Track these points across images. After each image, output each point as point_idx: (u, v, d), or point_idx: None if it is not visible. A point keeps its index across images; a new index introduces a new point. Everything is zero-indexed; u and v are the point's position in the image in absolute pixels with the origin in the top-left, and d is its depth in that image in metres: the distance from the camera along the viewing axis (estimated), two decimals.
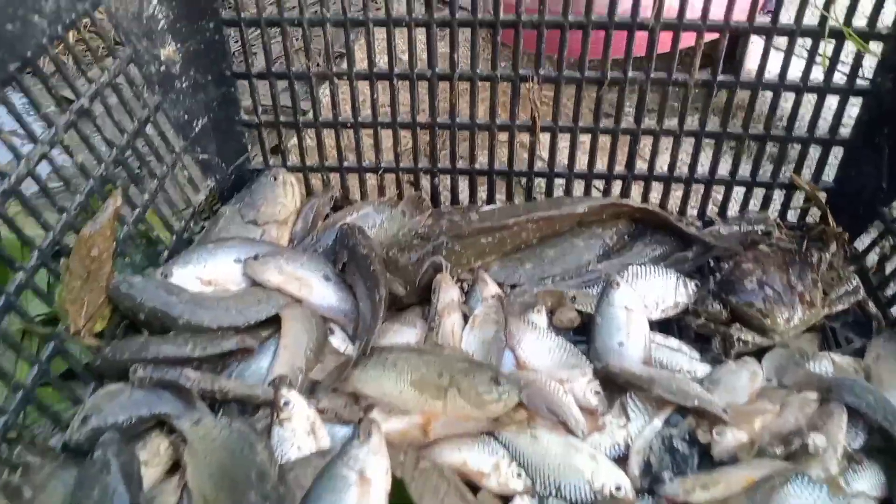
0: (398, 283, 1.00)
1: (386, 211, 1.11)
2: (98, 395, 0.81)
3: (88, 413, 0.78)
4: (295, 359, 0.88)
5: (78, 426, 0.77)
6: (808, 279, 0.99)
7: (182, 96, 1.03)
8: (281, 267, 0.97)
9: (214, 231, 1.06)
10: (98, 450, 0.74)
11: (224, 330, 0.89)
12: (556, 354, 0.93)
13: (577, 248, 1.06)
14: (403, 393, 0.84)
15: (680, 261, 1.05)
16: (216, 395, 0.83)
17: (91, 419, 0.77)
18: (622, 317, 0.96)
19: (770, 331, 0.96)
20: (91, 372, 0.85)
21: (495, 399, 0.81)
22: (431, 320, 0.96)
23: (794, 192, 1.11)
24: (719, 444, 0.80)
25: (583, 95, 1.04)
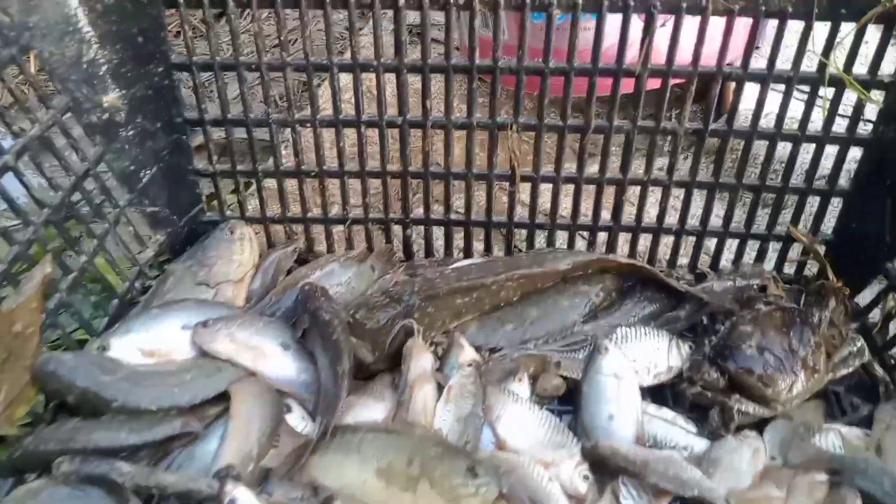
0: (365, 348, 0.91)
1: (353, 267, 1.02)
2: (14, 496, 0.70)
3: None
4: (245, 444, 0.78)
5: None
6: (810, 342, 0.91)
7: (128, 146, 0.94)
8: (233, 335, 0.87)
9: (162, 292, 0.96)
10: None
11: (165, 412, 0.79)
12: (539, 432, 0.84)
13: (561, 307, 0.98)
14: (368, 483, 0.75)
15: (672, 320, 0.98)
16: (153, 492, 0.73)
17: None
18: (612, 386, 0.87)
19: (772, 400, 0.88)
20: (8, 466, 0.74)
21: (472, 493, 0.72)
22: (402, 393, 0.87)
23: (791, 244, 1.04)
24: None
25: (565, 144, 0.97)
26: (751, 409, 0.87)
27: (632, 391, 0.88)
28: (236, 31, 0.89)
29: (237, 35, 0.89)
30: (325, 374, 0.85)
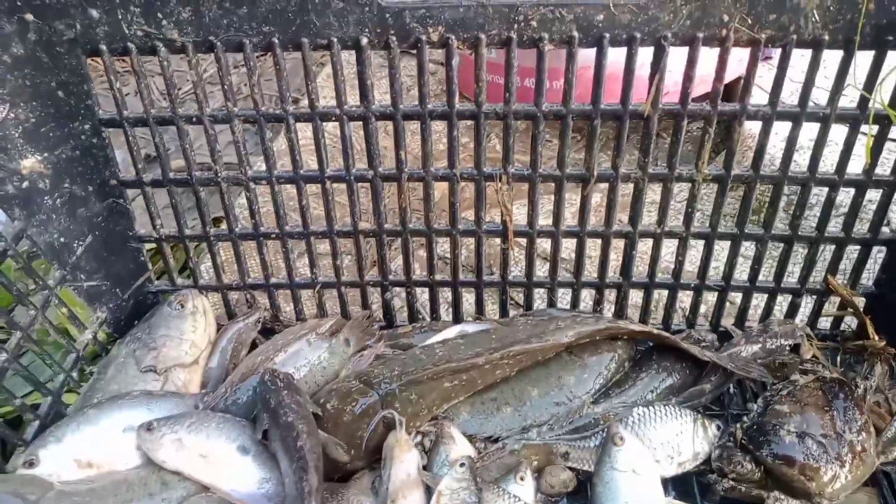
0: (339, 446, 0.77)
1: (324, 344, 0.88)
2: None
3: None
4: None
5: None
6: (856, 421, 0.78)
7: (55, 215, 0.81)
8: (181, 440, 0.74)
9: (102, 383, 0.83)
10: None
11: None
12: None
13: (566, 384, 0.85)
14: None
15: (696, 395, 0.85)
16: None
17: None
18: (630, 483, 0.74)
19: (815, 495, 0.75)
20: None
21: None
22: (384, 497, 0.74)
23: (826, 298, 0.91)
24: None
25: (563, 196, 0.83)
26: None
27: (653, 488, 0.75)
28: (171, 81, 0.75)
29: (173, 85, 0.75)
30: (289, 488, 0.72)
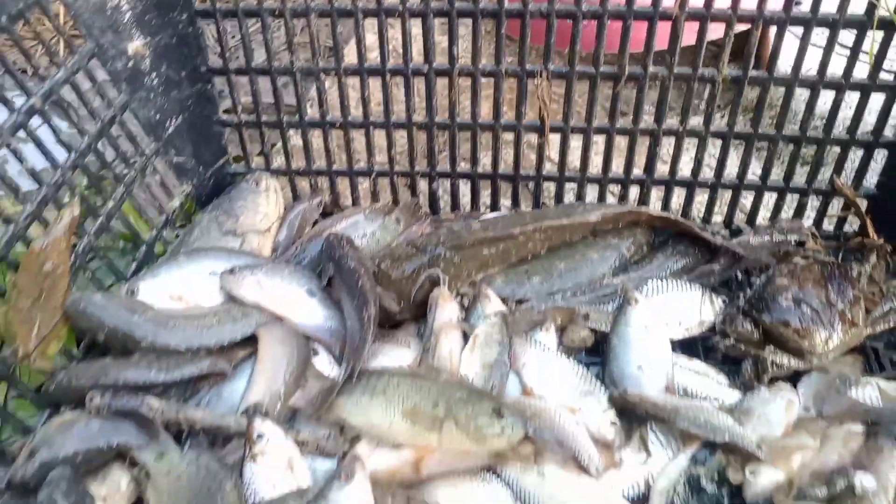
0: (390, 298, 0.90)
1: (378, 219, 1.01)
2: (50, 426, 0.72)
3: (37, 445, 0.69)
4: (272, 384, 0.78)
5: (24, 460, 0.68)
6: (848, 295, 0.88)
7: (153, 94, 0.94)
8: (260, 281, 0.88)
9: (189, 241, 0.97)
10: (45, 488, 0.65)
11: (193, 352, 0.79)
12: (566, 379, 0.83)
13: (590, 260, 0.96)
14: (394, 424, 0.75)
15: (705, 274, 0.95)
16: (182, 426, 0.74)
17: (40, 452, 0.68)
18: (641, 337, 0.85)
19: (807, 353, 0.85)
20: (43, 399, 0.76)
21: (497, 433, 0.71)
22: (427, 340, 0.86)
23: (830, 199, 1.01)
24: (753, 485, 0.70)
25: (597, 93, 0.94)
26: (785, 362, 0.84)
27: (662, 343, 0.86)
28: None
29: None
30: (351, 320, 0.85)
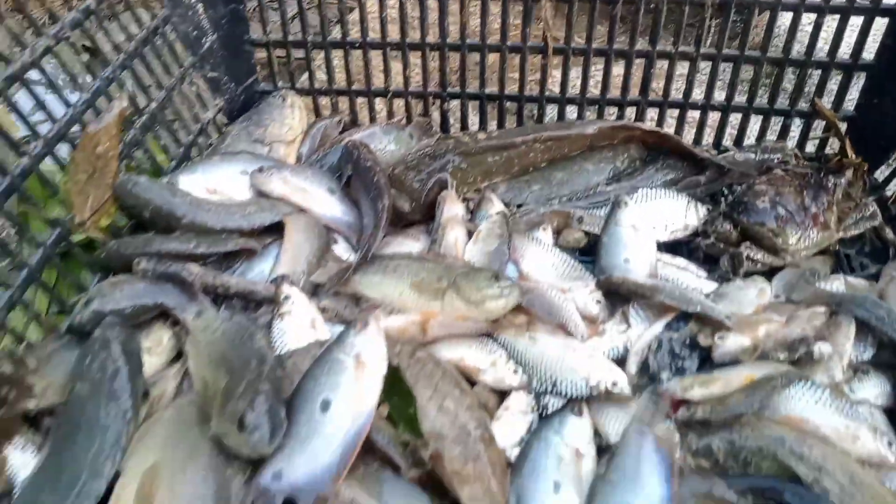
0: (403, 200, 0.99)
1: (393, 133, 1.10)
2: (103, 283, 0.82)
3: (93, 297, 0.79)
4: (297, 261, 0.88)
5: (81, 308, 0.78)
6: (822, 201, 0.96)
7: (191, 11, 1.04)
8: (286, 178, 0.97)
9: (221, 147, 1.07)
10: (100, 330, 0.76)
11: (228, 232, 0.89)
12: (559, 268, 0.92)
13: (586, 170, 1.05)
14: (403, 295, 0.84)
15: (692, 185, 1.03)
16: (218, 290, 0.84)
17: (95, 302, 0.78)
18: (629, 235, 0.94)
19: (781, 251, 0.93)
20: (96, 264, 0.86)
21: (496, 295, 0.80)
22: (434, 233, 0.95)
23: (812, 122, 1.08)
24: (720, 348, 0.78)
25: (596, 17, 1.02)
26: (760, 256, 0.93)
27: (647, 240, 0.94)
28: None
29: None
30: (366, 211, 0.94)
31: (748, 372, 0.74)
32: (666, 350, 0.79)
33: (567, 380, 0.77)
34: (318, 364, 0.73)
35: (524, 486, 0.70)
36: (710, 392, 0.74)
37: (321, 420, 0.69)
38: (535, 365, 0.79)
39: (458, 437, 0.70)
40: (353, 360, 0.71)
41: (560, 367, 0.78)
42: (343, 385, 0.70)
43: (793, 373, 0.75)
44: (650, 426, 0.72)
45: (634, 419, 0.73)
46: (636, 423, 0.73)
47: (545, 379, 0.78)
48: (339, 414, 0.69)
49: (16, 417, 0.70)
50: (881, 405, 0.77)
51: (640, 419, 0.73)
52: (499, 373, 0.79)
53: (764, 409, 0.73)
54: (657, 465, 0.69)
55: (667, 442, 0.71)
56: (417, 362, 0.76)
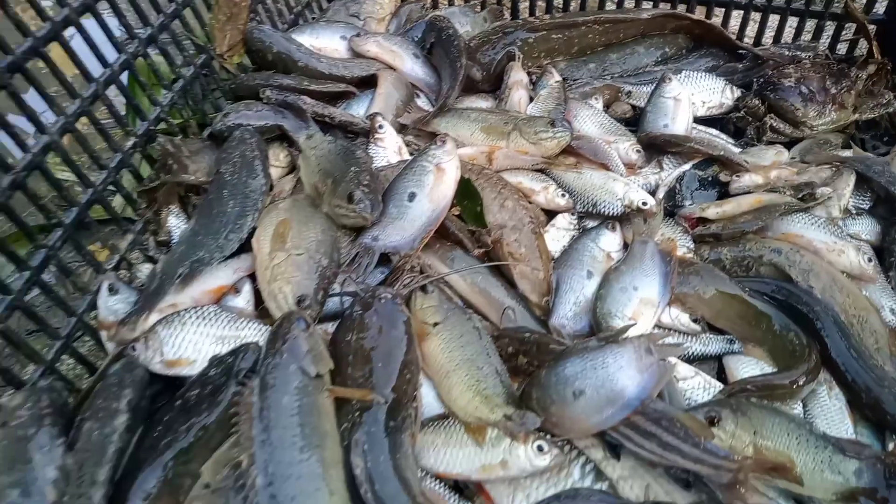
0: (476, 69, 1.16)
1: (469, 15, 1.27)
2: (237, 104, 1.02)
3: (229, 112, 0.99)
4: (387, 105, 1.07)
5: (221, 119, 0.98)
6: (843, 86, 1.09)
7: None
8: (379, 42, 1.15)
9: (322, 18, 1.25)
10: (238, 132, 0.96)
11: (335, 77, 1.08)
12: (606, 126, 1.08)
13: (637, 53, 1.20)
14: (474, 134, 1.02)
15: (730, 71, 1.18)
16: (325, 119, 1.03)
17: (231, 116, 0.99)
18: (670, 105, 1.09)
19: (801, 124, 1.08)
20: (228, 92, 1.07)
21: (551, 136, 0.98)
22: (501, 93, 1.13)
23: (845, 24, 1.20)
24: (736, 182, 0.94)
25: None
26: (782, 127, 1.07)
27: (686, 110, 1.09)
28: None
29: None
30: (445, 70, 1.12)
31: (757, 197, 0.90)
32: (690, 181, 0.96)
33: (605, 201, 0.94)
34: (407, 169, 0.92)
35: (564, 272, 0.88)
36: (723, 211, 0.90)
37: (408, 206, 0.88)
38: (580, 192, 0.97)
39: (515, 227, 0.89)
40: (434, 167, 0.90)
41: (600, 192, 0.95)
42: (426, 183, 0.89)
43: (795, 203, 0.90)
44: (651, 237, 0.89)
45: (636, 233, 0.90)
46: (639, 236, 0.89)
47: (587, 202, 0.95)
48: (421, 203, 0.88)
49: (174, 186, 0.91)
50: (867, 240, 0.92)
51: (643, 232, 0.90)
52: (549, 195, 0.97)
53: (767, 228, 0.89)
54: (657, 259, 0.86)
55: (665, 245, 0.87)
56: (485, 175, 0.94)
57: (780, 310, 0.82)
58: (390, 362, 0.73)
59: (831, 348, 0.78)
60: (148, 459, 0.65)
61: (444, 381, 0.76)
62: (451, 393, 0.75)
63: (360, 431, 0.67)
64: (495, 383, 0.74)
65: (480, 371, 0.75)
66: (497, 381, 0.74)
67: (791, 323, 0.81)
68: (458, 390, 0.74)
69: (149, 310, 0.77)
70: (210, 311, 0.76)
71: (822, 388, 0.78)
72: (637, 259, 0.87)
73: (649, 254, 0.87)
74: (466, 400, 0.73)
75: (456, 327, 0.79)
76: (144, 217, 0.90)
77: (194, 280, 0.79)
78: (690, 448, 0.67)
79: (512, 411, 0.70)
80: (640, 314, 0.83)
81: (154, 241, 0.89)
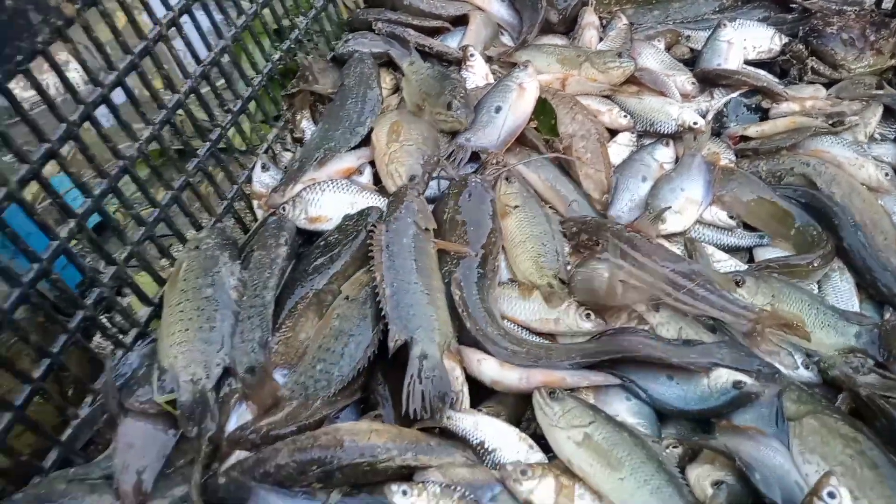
0: (553, 11, 1.34)
1: None
2: (355, 33, 1.23)
3: (349, 39, 1.21)
4: (477, 39, 1.26)
5: (342, 45, 1.20)
6: (882, 34, 1.23)
7: None
8: None
9: None
10: (357, 55, 1.17)
11: (433, 15, 1.28)
12: (666, 63, 1.25)
13: (697, 2, 1.36)
14: (550, 65, 1.20)
15: (780, 21, 1.32)
16: (425, 49, 1.23)
17: (350, 43, 1.20)
18: (724, 47, 1.25)
19: (840, 67, 1.22)
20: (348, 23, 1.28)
21: (618, 66, 1.15)
22: (574, 33, 1.31)
23: None
24: (775, 109, 1.10)
25: None
26: (822, 69, 1.22)
27: (738, 52, 1.25)
28: None
29: None
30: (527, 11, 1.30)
31: (792, 119, 1.06)
32: (736, 107, 1.12)
33: (661, 121, 1.12)
34: (494, 87, 1.11)
35: (622, 175, 1.07)
36: (761, 130, 1.07)
37: (495, 116, 1.08)
38: (640, 113, 1.14)
39: (584, 136, 1.08)
40: (517, 85, 1.09)
41: (658, 113, 1.13)
42: (509, 98, 1.09)
43: (825, 126, 1.06)
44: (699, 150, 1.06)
45: (686, 147, 1.07)
46: (689, 150, 1.06)
47: (645, 122, 1.13)
48: (505, 114, 1.08)
49: (307, 94, 1.13)
50: (888, 163, 1.06)
51: (692, 147, 1.07)
52: (613, 116, 1.14)
53: (798, 145, 1.05)
54: (703, 168, 1.03)
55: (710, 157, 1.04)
56: (559, 95, 1.13)
57: (803, 209, 0.98)
58: (480, 228, 0.93)
59: (845, 238, 0.94)
60: (300, 280, 0.87)
61: (513, 249, 0.96)
62: (517, 258, 0.95)
63: (457, 272, 0.88)
64: (552, 259, 0.93)
65: (544, 247, 0.95)
66: (554, 258, 0.94)
67: (812, 220, 0.97)
68: (522, 257, 0.94)
69: (294, 181, 0.99)
70: (342, 183, 0.98)
71: (835, 273, 0.95)
72: (686, 167, 1.04)
73: (696, 163, 1.04)
74: (526, 265, 0.93)
75: (530, 210, 0.99)
76: (285, 117, 1.12)
77: (328, 162, 1.01)
78: (717, 298, 0.85)
79: (556, 283, 0.90)
80: (684, 209, 1.00)
81: (291, 137, 1.11)
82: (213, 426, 0.73)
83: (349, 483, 0.70)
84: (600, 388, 0.80)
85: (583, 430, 0.71)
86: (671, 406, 0.78)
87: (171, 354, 0.76)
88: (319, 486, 0.69)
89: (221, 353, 0.78)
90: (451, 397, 0.75)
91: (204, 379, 0.75)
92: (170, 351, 0.77)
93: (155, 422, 0.76)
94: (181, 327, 0.78)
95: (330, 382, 0.77)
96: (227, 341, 0.79)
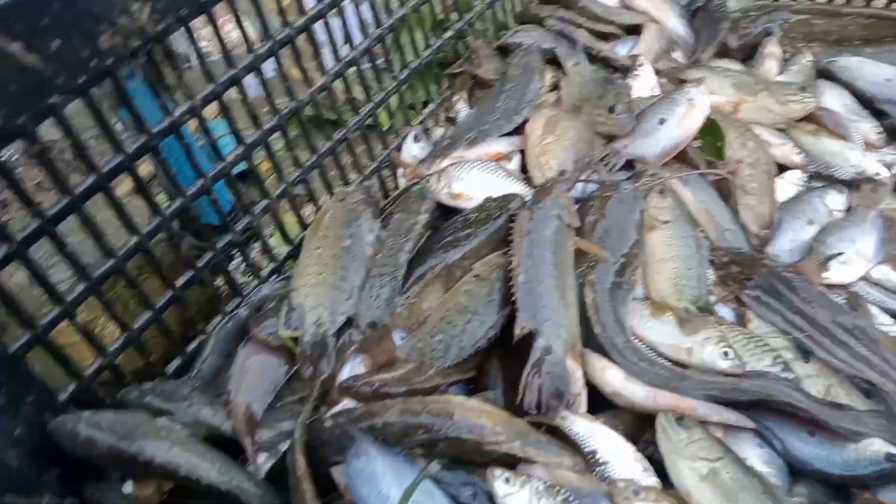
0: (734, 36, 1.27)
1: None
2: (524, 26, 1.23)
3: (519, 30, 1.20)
4: (648, 50, 1.22)
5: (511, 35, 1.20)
6: None
7: None
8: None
9: None
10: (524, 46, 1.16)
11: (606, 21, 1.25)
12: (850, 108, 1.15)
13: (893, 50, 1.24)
14: (724, 88, 1.14)
15: None
16: (592, 52, 1.20)
17: (519, 34, 1.20)
18: None
19: None
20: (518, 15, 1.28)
21: (799, 100, 1.07)
22: (753, 61, 1.23)
23: None
24: None
25: None
26: None
27: None
28: None
29: None
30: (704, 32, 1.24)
31: None
32: None
33: (839, 165, 1.03)
34: (662, 99, 1.06)
35: (786, 215, 0.99)
36: None
37: (658, 127, 1.03)
38: (815, 153, 1.06)
39: (751, 165, 1.01)
40: (687, 101, 1.04)
41: (836, 157, 1.03)
42: (677, 112, 1.03)
43: None
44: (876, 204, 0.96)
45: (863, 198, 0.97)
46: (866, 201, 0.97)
47: (820, 163, 1.04)
48: (668, 127, 1.02)
49: (469, 77, 1.13)
50: None
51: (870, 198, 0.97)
52: (786, 150, 1.06)
53: None
54: (879, 223, 0.93)
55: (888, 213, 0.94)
56: (731, 119, 1.06)
57: None
58: (624, 237, 0.89)
59: None
60: (433, 251, 0.87)
61: (653, 265, 0.90)
62: (655, 276, 0.89)
63: (593, 274, 0.84)
64: (693, 284, 0.87)
65: (688, 271, 0.89)
66: (695, 284, 0.87)
67: None
68: (660, 276, 0.88)
69: (442, 156, 0.99)
70: (490, 165, 0.97)
71: None
72: (859, 218, 0.95)
73: (872, 217, 0.95)
74: (664, 285, 0.87)
75: (680, 230, 0.93)
76: (443, 95, 1.13)
77: (479, 143, 1.00)
78: (880, 361, 0.76)
79: (693, 309, 0.83)
80: (852, 262, 0.91)
81: (445, 116, 1.12)
82: (328, 370, 0.73)
83: (449, 456, 0.68)
84: (731, 428, 0.73)
85: (709, 464, 0.65)
86: (809, 464, 0.70)
87: (303, 294, 0.78)
88: (420, 452, 0.67)
89: (349, 304, 0.78)
90: (569, 398, 0.72)
91: (328, 323, 0.76)
92: (301, 291, 0.78)
93: (272, 354, 0.78)
94: (316, 270, 0.80)
95: (447, 354, 0.76)
96: (355, 293, 0.79)
